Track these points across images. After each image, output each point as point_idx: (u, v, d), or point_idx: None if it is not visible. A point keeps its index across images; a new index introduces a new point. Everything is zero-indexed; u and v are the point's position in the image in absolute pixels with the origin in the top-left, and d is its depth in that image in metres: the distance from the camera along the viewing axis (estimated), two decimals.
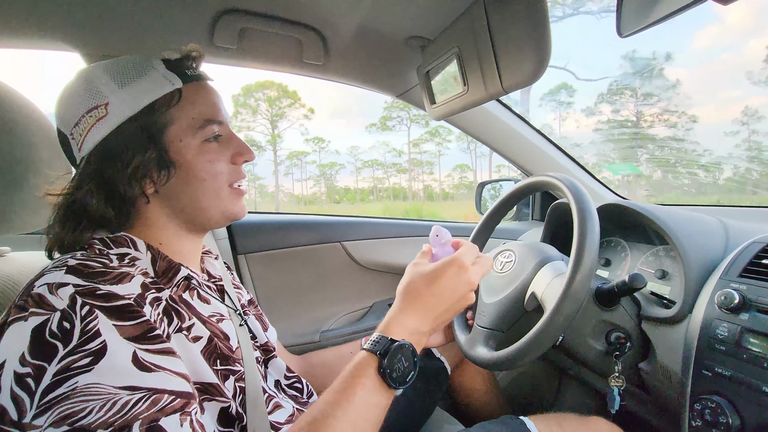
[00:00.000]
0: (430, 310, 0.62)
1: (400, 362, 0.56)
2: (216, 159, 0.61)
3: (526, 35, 0.68)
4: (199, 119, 0.60)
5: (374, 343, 0.58)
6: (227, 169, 0.63)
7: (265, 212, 1.50)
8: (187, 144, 0.59)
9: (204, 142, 0.61)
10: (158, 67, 0.60)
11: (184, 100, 0.59)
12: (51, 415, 0.38)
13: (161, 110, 0.58)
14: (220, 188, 0.62)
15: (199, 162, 0.60)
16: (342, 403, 0.52)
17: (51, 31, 0.86)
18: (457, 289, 0.63)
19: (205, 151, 0.60)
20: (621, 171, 26.59)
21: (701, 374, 0.70)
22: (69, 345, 0.41)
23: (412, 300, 0.63)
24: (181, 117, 0.59)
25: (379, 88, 1.28)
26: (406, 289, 0.65)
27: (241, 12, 0.89)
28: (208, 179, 0.61)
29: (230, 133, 0.65)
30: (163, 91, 0.58)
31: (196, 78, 0.62)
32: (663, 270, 0.91)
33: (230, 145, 0.64)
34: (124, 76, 0.58)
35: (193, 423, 0.44)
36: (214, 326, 0.60)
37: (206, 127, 0.60)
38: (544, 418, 0.78)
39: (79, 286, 0.45)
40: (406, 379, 0.56)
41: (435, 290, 0.63)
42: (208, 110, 0.61)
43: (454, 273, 0.63)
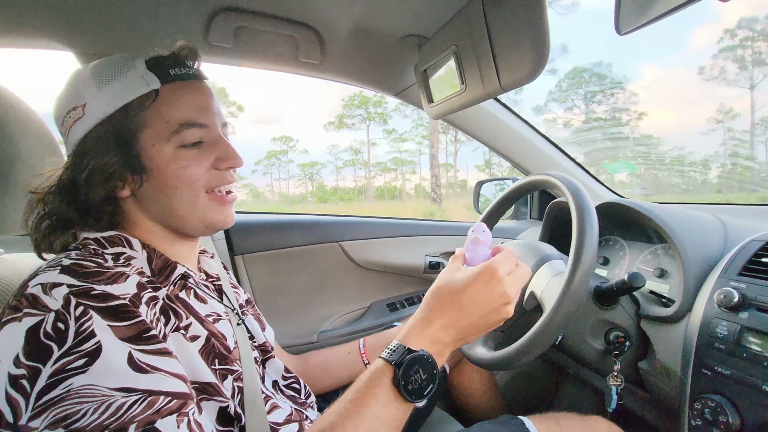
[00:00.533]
0: (455, 321, 0.57)
1: (418, 374, 0.52)
2: (191, 164, 0.57)
3: (524, 32, 0.67)
4: (173, 124, 0.56)
5: (391, 352, 0.54)
6: (205, 175, 0.59)
7: (262, 212, 1.49)
8: (159, 149, 0.56)
9: (180, 147, 0.57)
10: (138, 66, 0.57)
11: (161, 102, 0.56)
12: (46, 417, 0.38)
13: (135, 112, 0.55)
14: (195, 196, 0.58)
15: (170, 168, 0.56)
16: (353, 415, 0.50)
17: (44, 31, 0.85)
18: (489, 301, 0.57)
19: (180, 156, 0.57)
20: (619, 169, 26.68)
21: (701, 373, 0.69)
22: (64, 346, 0.40)
23: (437, 308, 0.58)
24: (156, 120, 0.56)
25: (377, 87, 1.27)
26: (433, 296, 0.60)
27: (237, 10, 0.88)
28: (180, 186, 0.57)
29: (216, 136, 0.61)
30: (138, 93, 0.55)
31: (180, 77, 0.58)
32: (662, 268, 0.90)
33: (214, 150, 0.60)
34: (103, 76, 0.56)
35: (191, 424, 0.43)
36: (211, 326, 0.59)
37: (182, 131, 0.57)
38: (544, 418, 0.78)
39: (74, 286, 0.44)
40: (423, 393, 0.52)
41: (463, 300, 0.57)
42: (187, 113, 0.57)
43: (485, 283, 0.57)
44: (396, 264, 1.50)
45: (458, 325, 0.57)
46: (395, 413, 0.52)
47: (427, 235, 1.56)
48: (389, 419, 0.51)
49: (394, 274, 1.52)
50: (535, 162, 1.44)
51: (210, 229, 0.62)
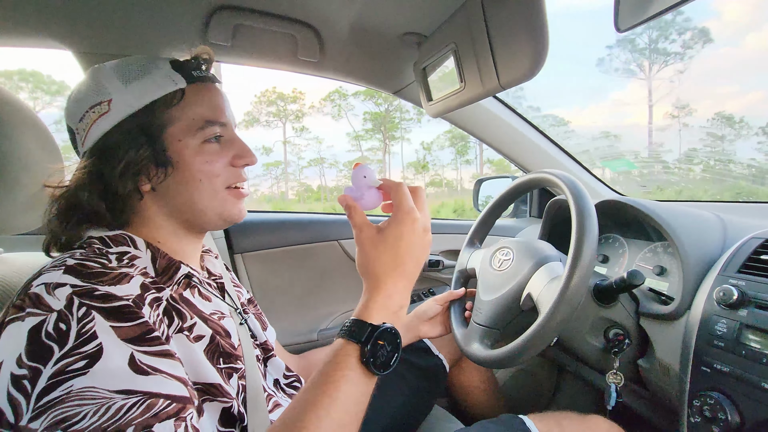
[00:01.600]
0: (402, 280, 0.56)
1: (383, 348, 0.52)
2: (214, 160, 0.61)
3: (523, 30, 0.67)
4: (200, 120, 0.60)
5: (350, 329, 0.53)
6: (225, 171, 0.62)
7: (261, 211, 1.49)
8: (186, 144, 0.59)
9: (204, 142, 0.60)
10: (163, 66, 0.60)
11: (187, 101, 0.60)
12: (46, 418, 0.38)
13: (162, 109, 0.58)
14: (216, 190, 0.61)
15: (196, 162, 0.59)
16: (323, 401, 0.48)
17: (42, 29, 0.85)
18: (419, 243, 0.57)
19: (204, 151, 0.60)
20: (618, 167, 26.69)
21: (700, 370, 0.69)
22: (65, 347, 0.40)
23: (380, 276, 0.56)
24: (182, 117, 0.59)
25: (376, 85, 1.27)
26: (369, 268, 0.57)
27: (235, 8, 0.88)
28: (204, 180, 0.60)
29: (233, 135, 0.65)
30: (166, 91, 0.59)
31: (201, 79, 0.63)
32: (661, 266, 0.91)
33: (231, 148, 0.63)
34: (129, 74, 0.59)
35: (188, 429, 0.43)
36: (216, 324, 0.59)
37: (207, 128, 0.60)
38: (544, 417, 0.78)
39: (77, 286, 0.44)
40: (390, 363, 0.53)
41: (399, 258, 0.56)
42: (210, 111, 0.61)
43: (410, 230, 0.56)
44: None
45: (406, 281, 0.57)
46: (365, 389, 0.52)
47: None
48: (360, 395, 0.51)
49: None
50: (534, 160, 1.44)
51: (225, 222, 0.64)
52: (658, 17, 0.55)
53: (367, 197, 0.60)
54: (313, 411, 0.47)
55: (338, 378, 0.50)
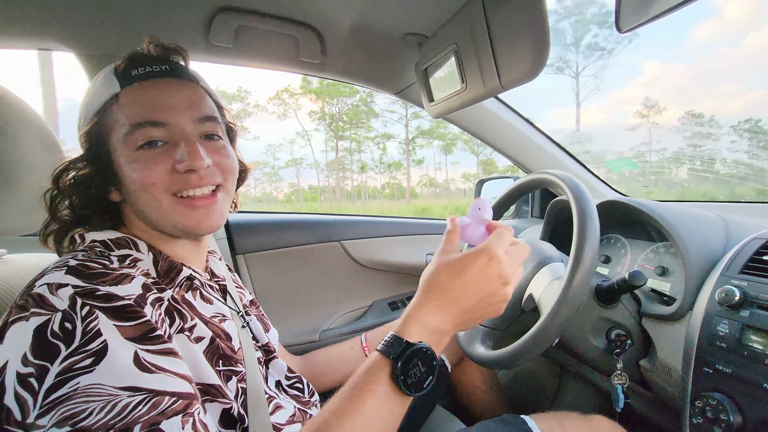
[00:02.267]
0: (453, 307, 0.54)
1: (417, 367, 0.50)
2: (145, 167, 0.54)
3: (525, 31, 0.67)
4: (126, 124, 0.54)
5: (388, 344, 0.52)
6: (165, 178, 0.55)
7: (263, 212, 1.49)
8: (120, 153, 0.55)
9: (138, 149, 0.54)
10: (106, 71, 0.57)
11: (119, 105, 0.55)
12: (54, 415, 0.38)
13: (101, 119, 0.56)
14: (157, 200, 0.55)
15: (127, 172, 0.55)
16: (349, 413, 0.48)
17: (45, 31, 0.86)
18: (487, 284, 0.55)
19: (136, 159, 0.54)
20: (620, 167, 26.60)
21: (702, 371, 0.69)
22: (71, 345, 0.41)
23: (433, 294, 0.55)
24: (113, 124, 0.55)
25: (377, 86, 1.27)
26: (428, 281, 0.57)
27: (237, 10, 0.88)
28: (138, 190, 0.55)
29: (181, 134, 0.56)
30: (103, 99, 0.56)
31: (142, 77, 0.56)
32: (663, 267, 0.90)
33: (175, 150, 0.56)
34: (92, 82, 0.58)
35: (196, 424, 0.44)
36: (216, 326, 0.59)
37: (134, 132, 0.54)
38: (546, 417, 0.78)
39: (79, 286, 0.45)
40: (423, 385, 0.51)
41: (460, 284, 0.54)
42: (141, 112, 0.55)
43: (483, 265, 0.54)
44: (397, 263, 1.50)
45: (456, 311, 0.55)
46: (394, 407, 0.50)
47: (427, 234, 1.56)
48: (388, 413, 0.50)
49: (396, 272, 1.52)
50: (536, 160, 1.44)
51: (185, 233, 0.59)
52: (660, 17, 0.55)
53: (472, 229, 0.61)
54: (337, 421, 0.47)
55: (366, 392, 0.49)
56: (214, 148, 0.59)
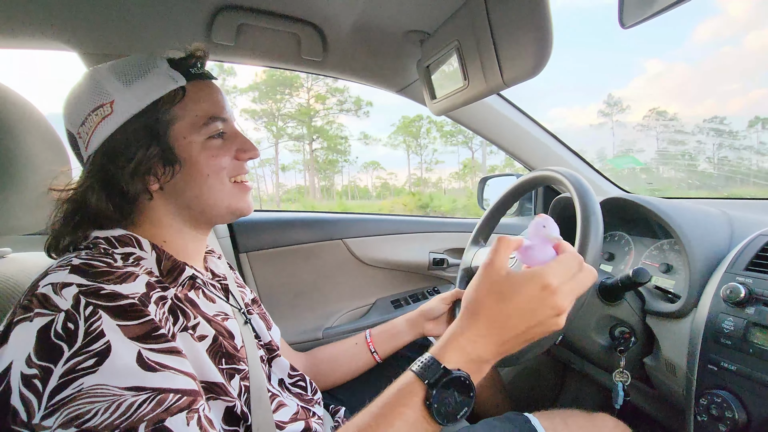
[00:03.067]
0: (499, 336, 0.51)
1: (452, 396, 0.48)
2: (219, 155, 0.62)
3: (527, 27, 0.67)
4: (204, 116, 0.60)
5: (424, 367, 0.49)
6: (230, 166, 0.63)
7: (266, 210, 1.49)
8: (191, 140, 0.60)
9: (208, 139, 0.61)
10: (162, 65, 0.60)
11: (188, 98, 0.60)
12: (59, 416, 0.38)
13: (165, 107, 0.58)
14: (223, 183, 0.62)
15: (202, 158, 0.60)
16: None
17: (48, 31, 0.86)
18: (539, 312, 0.50)
19: (209, 147, 0.61)
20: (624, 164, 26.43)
21: (707, 369, 0.69)
22: (74, 346, 0.41)
23: (477, 317, 0.52)
24: (186, 114, 0.60)
25: (379, 84, 1.27)
26: (473, 304, 0.53)
27: (239, 8, 0.88)
28: (211, 174, 0.61)
29: (234, 130, 0.65)
30: (167, 89, 0.59)
31: (199, 76, 0.63)
32: (667, 264, 0.90)
33: (234, 142, 0.64)
34: (129, 74, 0.58)
35: (201, 420, 0.44)
36: (219, 325, 0.60)
37: (210, 124, 0.61)
38: (550, 415, 0.77)
39: (83, 286, 0.45)
40: (456, 416, 0.48)
41: (509, 311, 0.50)
42: (212, 107, 0.62)
43: (536, 292, 0.49)
44: (400, 261, 1.50)
45: (502, 340, 0.51)
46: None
47: (431, 232, 1.56)
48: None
49: (399, 271, 1.52)
50: (539, 158, 1.43)
51: (233, 215, 0.65)
52: (663, 13, 0.55)
53: (538, 251, 0.54)
54: None
55: (396, 414, 0.47)
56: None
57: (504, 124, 1.35)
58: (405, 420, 0.47)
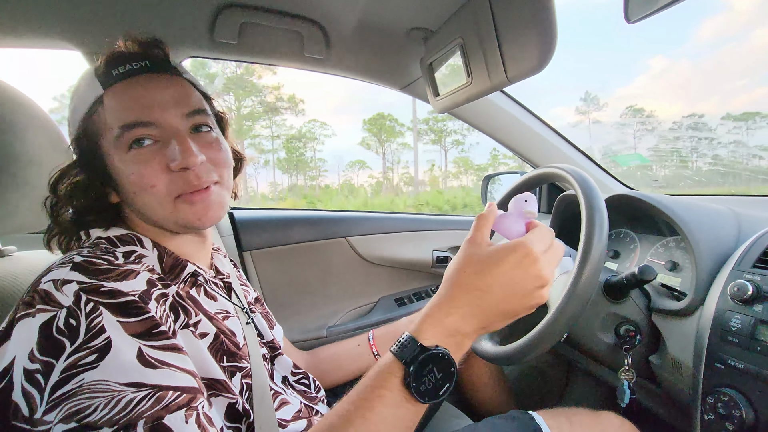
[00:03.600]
0: (479, 308, 0.49)
1: (431, 373, 0.47)
2: (143, 169, 0.53)
3: (531, 23, 0.66)
4: (115, 127, 0.53)
5: (401, 346, 0.48)
6: (162, 180, 0.54)
7: (269, 208, 1.50)
8: (113, 156, 0.54)
9: (132, 150, 0.53)
10: (87, 75, 0.55)
11: (105, 107, 0.54)
12: (60, 411, 0.38)
13: (90, 123, 0.55)
14: (159, 201, 0.54)
15: (124, 174, 0.54)
16: (356, 418, 0.45)
17: (51, 30, 0.86)
18: (522, 283, 0.49)
19: (130, 160, 0.53)
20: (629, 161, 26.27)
21: (714, 367, 0.68)
22: (75, 342, 0.41)
23: (456, 291, 0.50)
24: (103, 127, 0.54)
25: (382, 82, 1.27)
26: (452, 276, 0.51)
27: (242, 7, 0.88)
28: (138, 192, 0.54)
29: (171, 132, 0.55)
30: (89, 102, 0.54)
31: (124, 75, 0.55)
32: (673, 261, 0.89)
33: (166, 149, 0.54)
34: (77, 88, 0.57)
35: (200, 418, 0.44)
36: (220, 323, 0.60)
37: (123, 134, 0.53)
38: (554, 413, 0.77)
39: (83, 283, 0.45)
40: (438, 393, 0.47)
41: (489, 281, 0.49)
42: (126, 113, 0.53)
43: (518, 262, 0.49)
44: (403, 259, 1.50)
45: (482, 313, 0.50)
46: (405, 414, 0.47)
47: (434, 230, 1.56)
48: (398, 420, 0.47)
49: (402, 269, 1.52)
50: (543, 154, 1.42)
51: (187, 228, 0.58)
52: (669, 8, 0.54)
53: (511, 221, 0.55)
54: (343, 426, 0.46)
55: (375, 396, 0.46)
56: (206, 142, 0.58)
57: (507, 121, 1.35)
58: (385, 402, 0.46)
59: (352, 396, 0.48)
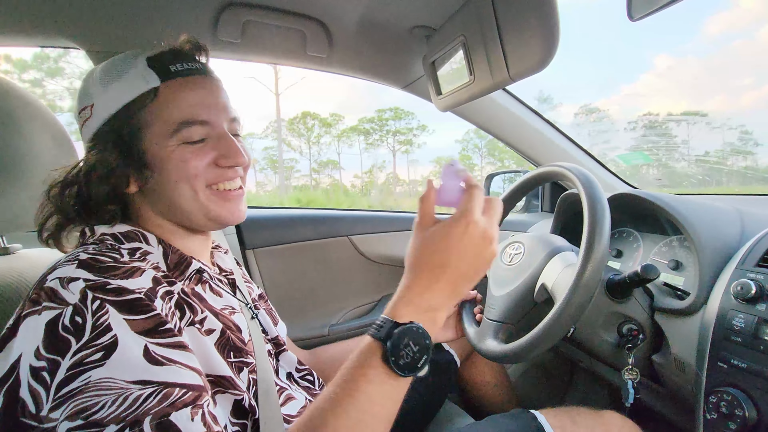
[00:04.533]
0: (442, 281, 0.52)
1: (408, 347, 0.49)
2: (191, 159, 0.57)
3: (534, 21, 0.66)
4: (173, 123, 0.56)
5: (378, 327, 0.51)
6: (205, 173, 0.58)
7: (272, 207, 1.50)
8: (161, 146, 0.56)
9: (182, 144, 0.57)
10: (139, 64, 0.57)
11: (161, 101, 0.56)
12: (66, 408, 0.39)
13: (136, 111, 0.56)
14: (195, 191, 0.58)
15: (171, 164, 0.56)
16: (343, 399, 0.47)
17: (56, 28, 0.87)
18: (472, 248, 0.52)
19: (181, 153, 0.57)
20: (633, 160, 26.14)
21: (716, 366, 0.68)
22: (81, 339, 0.41)
23: (419, 272, 0.53)
24: (156, 119, 0.56)
25: (384, 80, 1.27)
26: (411, 261, 0.55)
27: (245, 5, 0.88)
28: (180, 181, 0.57)
29: (220, 133, 0.59)
30: (138, 91, 0.55)
31: (181, 74, 0.58)
32: (677, 260, 0.89)
33: (216, 147, 0.59)
34: (109, 75, 0.57)
35: (205, 416, 0.44)
36: (226, 318, 0.60)
37: (181, 130, 0.56)
38: (557, 413, 0.77)
39: (90, 280, 0.45)
40: (417, 365, 0.49)
41: (444, 256, 0.52)
42: (187, 111, 0.57)
43: (463, 231, 0.52)
44: None
45: (448, 284, 0.53)
46: (389, 390, 0.49)
47: None
48: (384, 397, 0.49)
49: (404, 267, 1.52)
50: (545, 153, 1.42)
51: (215, 223, 0.61)
52: (672, 5, 0.54)
53: (448, 189, 0.56)
54: (331, 408, 0.47)
55: (359, 376, 0.48)
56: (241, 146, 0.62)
57: (510, 120, 1.34)
58: (369, 380, 0.48)
59: (337, 379, 0.49)
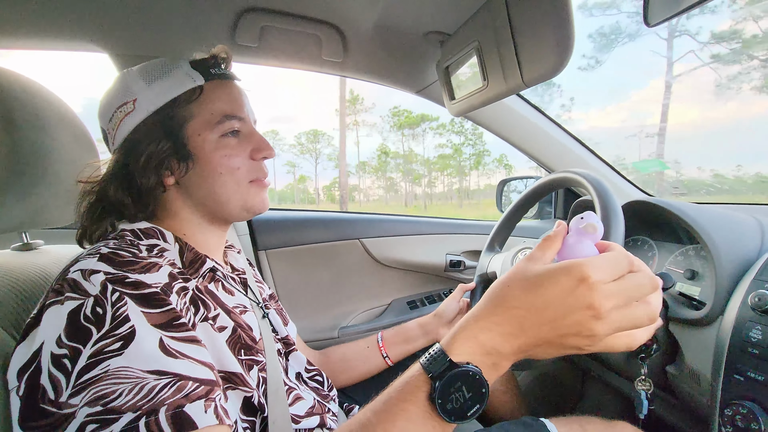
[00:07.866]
0: (519, 328, 0.43)
1: (460, 392, 0.42)
2: (233, 154, 0.63)
3: (548, 26, 0.66)
4: (218, 114, 0.62)
5: (431, 359, 0.44)
6: (246, 165, 0.65)
7: (285, 209, 1.52)
8: (205, 138, 0.62)
9: (222, 136, 0.63)
10: (183, 65, 0.64)
11: (205, 97, 0.63)
12: (86, 395, 0.40)
13: (182, 105, 0.61)
14: (238, 182, 0.64)
15: (215, 156, 0.62)
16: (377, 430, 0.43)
17: (80, 33, 0.89)
18: (570, 310, 0.41)
19: (223, 145, 0.63)
20: (649, 168, 25.67)
21: (732, 378, 0.67)
22: (102, 329, 0.43)
23: (496, 307, 0.45)
24: (201, 112, 0.62)
25: (398, 85, 1.27)
26: (495, 291, 0.46)
27: (262, 10, 0.90)
28: (224, 173, 0.63)
29: (251, 129, 0.67)
30: (185, 87, 0.62)
31: (219, 76, 0.65)
32: (693, 270, 0.87)
33: (250, 142, 0.66)
34: (152, 74, 0.62)
35: (218, 409, 0.45)
36: (238, 317, 0.61)
37: (224, 122, 0.63)
38: (567, 421, 0.76)
39: (110, 273, 0.47)
40: (466, 414, 0.43)
41: (535, 302, 0.43)
42: (228, 106, 0.64)
43: (570, 286, 0.41)
44: (417, 262, 1.50)
45: (524, 334, 0.43)
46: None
47: (448, 234, 1.55)
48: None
49: (415, 272, 1.52)
50: (559, 159, 1.41)
51: (249, 212, 0.67)
52: (689, 11, 0.53)
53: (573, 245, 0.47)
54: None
55: (399, 410, 0.44)
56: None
57: (523, 125, 1.34)
58: (408, 418, 0.43)
59: (377, 405, 0.45)
